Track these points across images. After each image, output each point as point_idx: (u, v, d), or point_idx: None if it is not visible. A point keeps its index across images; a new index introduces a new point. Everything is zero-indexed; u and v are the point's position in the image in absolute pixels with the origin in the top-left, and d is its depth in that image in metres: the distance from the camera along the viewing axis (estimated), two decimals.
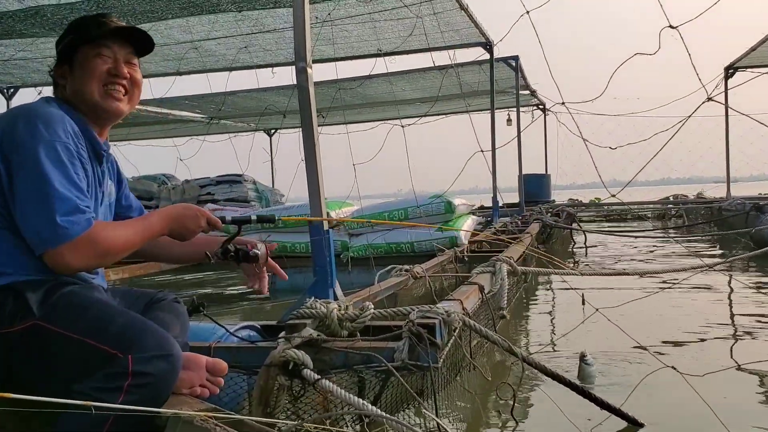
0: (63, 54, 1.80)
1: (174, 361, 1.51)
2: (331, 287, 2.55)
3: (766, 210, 7.82)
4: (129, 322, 1.55)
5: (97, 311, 1.57)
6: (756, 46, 9.11)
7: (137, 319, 1.59)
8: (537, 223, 7.69)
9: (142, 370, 1.45)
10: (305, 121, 2.53)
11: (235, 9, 6.29)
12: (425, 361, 1.89)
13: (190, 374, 1.63)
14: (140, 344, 1.48)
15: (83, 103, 1.77)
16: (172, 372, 1.51)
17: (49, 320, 1.53)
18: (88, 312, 1.56)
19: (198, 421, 1.34)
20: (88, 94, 1.76)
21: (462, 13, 6.76)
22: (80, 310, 1.56)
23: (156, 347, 1.49)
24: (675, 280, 5.37)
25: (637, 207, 14.01)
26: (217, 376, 1.70)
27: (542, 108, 14.84)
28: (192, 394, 1.63)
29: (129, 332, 1.51)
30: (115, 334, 1.51)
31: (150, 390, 1.46)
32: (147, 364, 1.46)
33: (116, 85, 1.80)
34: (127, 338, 1.49)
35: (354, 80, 10.00)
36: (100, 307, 1.59)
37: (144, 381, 1.45)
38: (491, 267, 3.32)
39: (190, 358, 1.67)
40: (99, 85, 1.77)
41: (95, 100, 1.77)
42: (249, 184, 11.23)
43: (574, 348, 3.26)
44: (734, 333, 3.84)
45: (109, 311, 1.59)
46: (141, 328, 1.53)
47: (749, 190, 14.52)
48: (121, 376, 1.44)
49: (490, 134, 8.47)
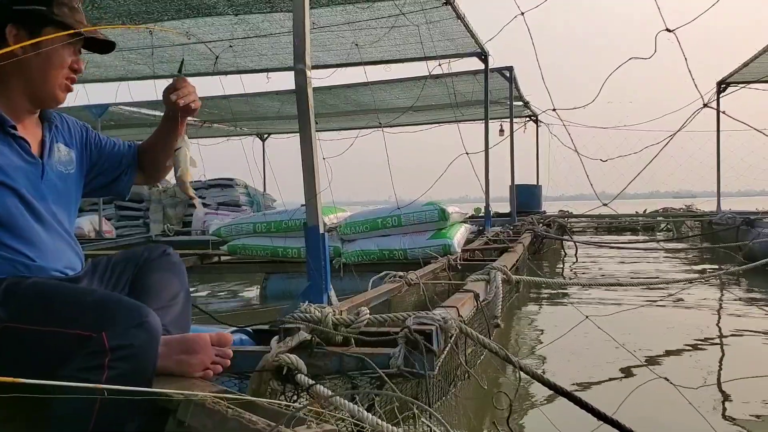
0: (21, 16, 1.66)
1: (149, 327, 1.47)
2: (325, 292, 2.53)
3: (756, 224, 7.86)
4: (96, 300, 1.52)
5: (63, 297, 1.54)
6: (749, 62, 9.19)
7: (103, 296, 1.56)
8: (529, 233, 7.70)
9: (119, 344, 1.42)
10: (303, 123, 2.52)
11: (231, 12, 6.27)
12: (421, 368, 1.86)
13: (199, 357, 1.62)
14: (111, 319, 1.45)
15: (32, 86, 1.69)
16: (150, 338, 1.47)
17: (17, 319, 1.50)
18: (54, 301, 1.53)
19: (210, 404, 1.32)
20: (48, 82, 1.70)
21: (458, 22, 6.78)
22: (45, 302, 1.52)
23: (128, 318, 1.46)
24: (667, 291, 5.38)
25: (628, 220, 14.06)
26: (224, 347, 1.69)
27: (534, 119, 14.90)
28: (206, 377, 1.62)
29: (97, 311, 1.48)
30: (84, 316, 1.47)
31: (132, 361, 1.43)
32: (122, 336, 1.43)
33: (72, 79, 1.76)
34: (97, 317, 1.46)
35: (348, 87, 10.01)
36: (65, 293, 1.56)
37: (123, 353, 1.42)
38: (486, 275, 3.30)
39: (196, 339, 1.65)
40: (62, 78, 1.72)
41: (53, 92, 1.72)
42: (241, 188, 11.22)
43: (568, 357, 3.25)
44: (725, 345, 3.84)
45: (74, 294, 1.56)
46: (108, 304, 1.50)
47: (737, 205, 14.62)
48: (99, 355, 1.40)
49: (484, 144, 8.48)
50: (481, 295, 3.00)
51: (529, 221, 9.43)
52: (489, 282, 3.26)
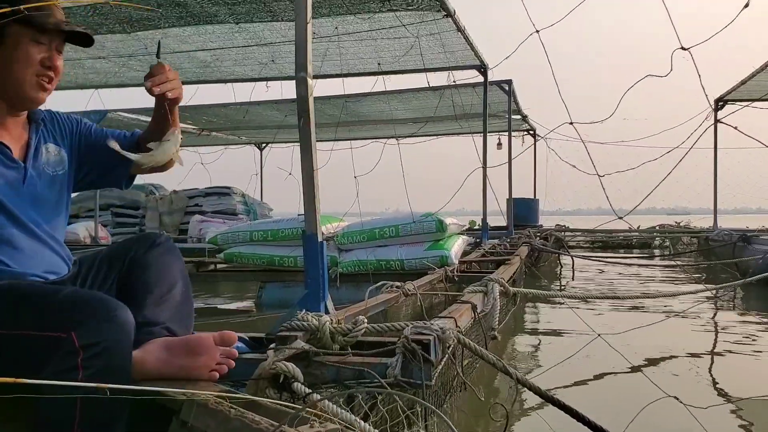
0: None
1: (118, 321, 1.42)
2: (323, 300, 2.51)
3: (753, 241, 7.88)
4: (62, 300, 1.46)
5: (32, 300, 1.49)
6: (746, 80, 9.25)
7: (70, 294, 1.50)
8: (526, 246, 7.69)
9: (89, 342, 1.37)
10: (304, 131, 2.51)
11: (233, 21, 6.29)
12: (418, 379, 1.85)
13: (204, 359, 1.59)
14: (79, 318, 1.40)
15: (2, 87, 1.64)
16: (120, 332, 1.42)
17: None
18: (24, 304, 1.48)
19: (212, 404, 1.31)
20: (16, 81, 1.63)
21: (458, 34, 6.81)
22: (15, 305, 1.48)
23: (95, 314, 1.41)
24: (667, 306, 5.36)
25: (622, 236, 14.07)
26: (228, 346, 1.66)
27: (532, 133, 14.95)
28: (212, 378, 1.59)
29: (65, 311, 1.43)
30: (53, 317, 1.42)
31: (105, 357, 1.38)
32: (92, 334, 1.38)
33: (47, 77, 1.67)
34: (65, 317, 1.41)
35: (348, 97, 10.02)
36: (34, 295, 1.51)
37: (95, 351, 1.37)
38: (484, 286, 3.29)
39: (199, 342, 1.61)
40: (32, 75, 1.64)
41: (24, 90, 1.65)
42: (238, 197, 11.19)
43: (569, 371, 3.23)
44: (731, 363, 3.82)
45: (43, 296, 1.50)
46: (75, 302, 1.45)
47: (732, 223, 14.66)
48: (72, 355, 1.36)
49: (482, 156, 8.50)
50: (478, 306, 2.99)
51: (526, 234, 9.43)
52: (486, 294, 3.24)
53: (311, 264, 2.52)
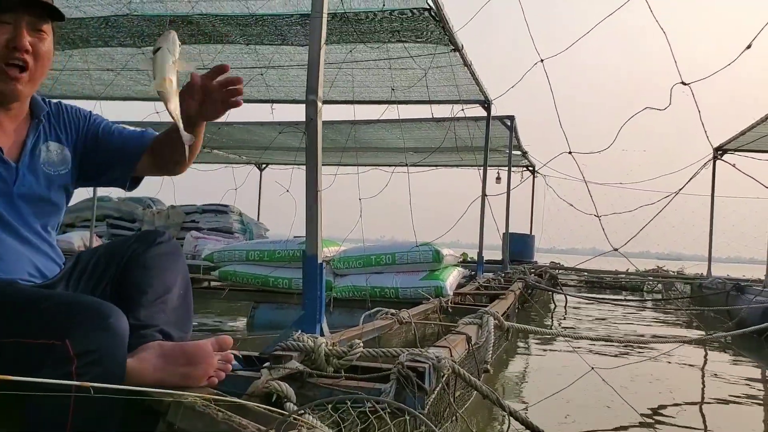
0: None
1: (113, 327, 1.37)
2: (319, 322, 2.51)
3: (746, 290, 7.89)
4: (55, 306, 1.40)
5: (23, 305, 1.42)
6: (746, 130, 9.36)
7: (63, 300, 1.45)
8: (520, 282, 7.70)
9: (84, 350, 1.32)
10: (310, 153, 2.54)
11: (243, 42, 6.37)
12: (411, 406, 1.84)
13: (202, 367, 1.54)
14: (73, 325, 1.34)
15: None
16: (115, 339, 1.37)
17: None
18: (14, 310, 1.41)
19: (200, 407, 1.30)
20: None
21: (465, 69, 6.90)
22: (5, 312, 1.42)
23: (89, 321, 1.36)
24: (657, 351, 5.36)
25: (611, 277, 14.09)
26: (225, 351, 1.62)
27: (531, 170, 15.04)
28: (211, 384, 1.55)
29: (58, 317, 1.37)
30: (46, 323, 1.37)
31: (99, 366, 1.34)
32: (86, 341, 1.33)
33: (14, 62, 1.50)
34: (58, 324, 1.35)
35: (353, 123, 10.09)
36: (25, 300, 1.44)
37: (89, 359, 1.32)
38: (479, 319, 3.30)
39: (196, 349, 1.56)
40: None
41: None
42: (235, 216, 11.19)
43: (559, 406, 3.22)
44: (720, 408, 3.81)
45: (34, 301, 1.43)
46: (69, 308, 1.39)
47: (725, 271, 14.69)
48: (66, 362, 1.31)
49: (481, 190, 8.55)
50: (473, 338, 2.99)
51: (521, 270, 9.44)
52: (481, 326, 3.25)
53: (310, 285, 2.53)
